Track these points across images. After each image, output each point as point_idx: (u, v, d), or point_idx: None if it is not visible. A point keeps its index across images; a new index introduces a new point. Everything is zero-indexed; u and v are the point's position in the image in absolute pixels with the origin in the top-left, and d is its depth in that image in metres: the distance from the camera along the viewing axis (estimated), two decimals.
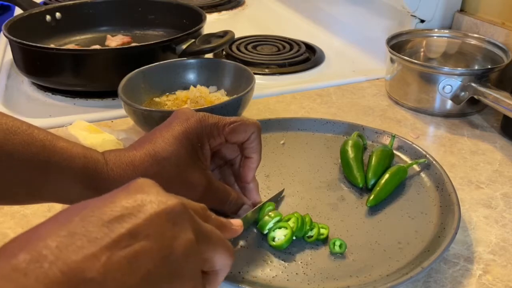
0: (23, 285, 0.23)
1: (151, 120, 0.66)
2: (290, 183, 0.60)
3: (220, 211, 0.48)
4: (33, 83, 0.87)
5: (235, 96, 0.68)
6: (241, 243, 0.50)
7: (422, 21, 0.92)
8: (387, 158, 0.61)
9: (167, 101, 0.74)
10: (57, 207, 0.56)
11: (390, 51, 0.81)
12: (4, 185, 0.41)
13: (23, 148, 0.40)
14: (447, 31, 0.89)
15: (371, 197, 0.56)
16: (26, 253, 0.24)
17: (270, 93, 0.85)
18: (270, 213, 0.51)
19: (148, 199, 0.29)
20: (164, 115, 0.65)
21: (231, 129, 0.48)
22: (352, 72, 0.96)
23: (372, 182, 0.58)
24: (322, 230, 0.51)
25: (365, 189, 0.59)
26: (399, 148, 0.65)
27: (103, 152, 0.45)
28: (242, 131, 0.49)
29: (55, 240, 0.25)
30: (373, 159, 0.61)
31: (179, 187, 0.45)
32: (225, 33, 0.82)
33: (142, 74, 0.74)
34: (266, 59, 0.98)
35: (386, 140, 0.66)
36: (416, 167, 0.62)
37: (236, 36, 0.86)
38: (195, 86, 0.76)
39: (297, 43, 1.06)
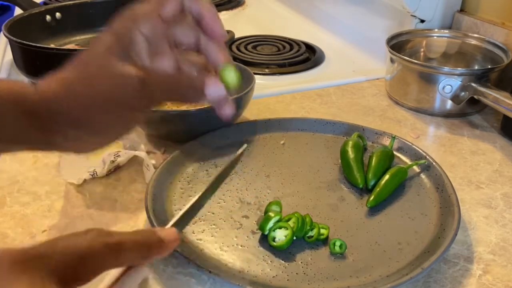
0: None
1: (151, 120, 0.66)
2: (290, 183, 0.60)
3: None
4: (33, 83, 0.87)
5: (235, 96, 0.68)
6: (241, 242, 0.51)
7: (422, 21, 0.92)
8: (387, 159, 0.61)
9: None
10: (57, 206, 0.56)
11: (390, 51, 0.81)
12: None
13: None
14: (447, 31, 0.89)
15: (371, 198, 0.56)
16: None
17: (270, 93, 0.85)
18: (270, 213, 0.51)
19: None
20: (164, 115, 0.65)
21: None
22: (352, 72, 0.96)
23: (372, 182, 0.58)
24: (322, 231, 0.51)
25: (365, 190, 0.59)
26: (399, 149, 0.65)
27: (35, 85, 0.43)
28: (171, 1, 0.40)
29: None
30: (373, 160, 0.61)
31: (110, 80, 0.39)
32: None
33: None
34: (266, 59, 0.98)
35: (386, 141, 0.66)
36: (416, 168, 0.62)
37: (236, 36, 0.86)
38: None
39: (297, 43, 1.06)
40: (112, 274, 0.34)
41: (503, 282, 0.48)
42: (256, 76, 0.72)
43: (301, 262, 0.48)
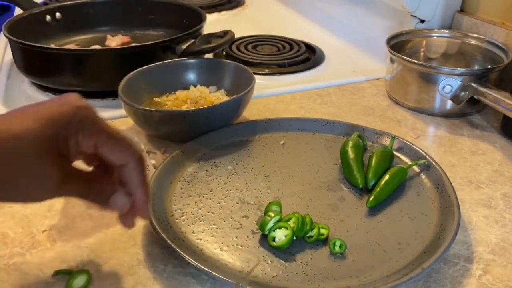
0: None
1: (151, 120, 0.66)
2: (290, 183, 0.60)
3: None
4: (33, 83, 0.87)
5: (235, 96, 0.68)
6: (241, 242, 0.51)
7: (422, 21, 0.92)
8: (387, 159, 0.61)
9: (167, 101, 0.74)
10: (57, 207, 0.56)
11: (390, 51, 0.81)
12: None
13: None
14: (447, 31, 0.89)
15: (371, 198, 0.56)
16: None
17: (270, 93, 0.85)
18: (270, 213, 0.51)
19: None
20: (164, 115, 0.65)
21: (104, 142, 0.40)
22: (352, 72, 0.96)
23: (372, 183, 0.58)
24: (322, 230, 0.51)
25: (365, 190, 0.59)
26: (399, 149, 0.65)
27: None
28: (116, 152, 0.41)
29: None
30: (373, 160, 0.61)
31: (30, 175, 0.38)
32: (225, 33, 0.82)
33: (142, 74, 0.74)
34: (266, 59, 0.98)
35: (386, 141, 0.66)
36: (416, 168, 0.62)
37: (236, 36, 0.86)
38: (195, 86, 0.76)
39: (297, 43, 1.06)
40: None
41: (503, 282, 0.48)
42: (256, 76, 0.72)
43: (301, 262, 0.48)
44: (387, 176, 0.58)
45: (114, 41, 0.98)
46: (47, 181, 0.38)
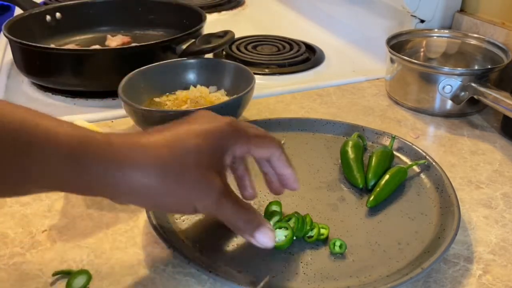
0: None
1: (151, 120, 0.66)
2: None
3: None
4: (33, 83, 0.87)
5: (235, 96, 0.68)
6: (241, 243, 0.51)
7: (422, 21, 0.92)
8: (387, 159, 0.61)
9: (167, 101, 0.74)
10: (57, 206, 0.56)
11: (390, 51, 0.81)
12: None
13: None
14: (447, 31, 0.89)
15: (371, 198, 0.56)
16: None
17: (270, 93, 0.85)
18: (270, 213, 0.51)
19: None
20: (164, 115, 0.65)
21: (256, 143, 0.46)
22: (352, 72, 0.96)
23: (372, 183, 0.58)
24: (322, 230, 0.51)
25: (365, 190, 0.59)
26: (399, 149, 0.65)
27: (106, 134, 0.40)
28: (266, 147, 0.46)
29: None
30: (373, 160, 0.61)
31: (193, 187, 0.41)
32: (225, 33, 0.82)
33: (142, 74, 0.74)
34: (266, 59, 0.98)
35: (386, 141, 0.66)
36: (416, 168, 0.62)
37: (236, 36, 0.86)
38: (195, 86, 0.76)
39: (297, 43, 1.06)
40: None
41: (503, 282, 0.48)
42: (256, 76, 0.72)
43: (301, 262, 0.48)
44: (387, 176, 0.58)
45: (114, 41, 0.98)
46: (212, 189, 0.41)
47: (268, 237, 0.44)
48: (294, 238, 0.50)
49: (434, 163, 0.60)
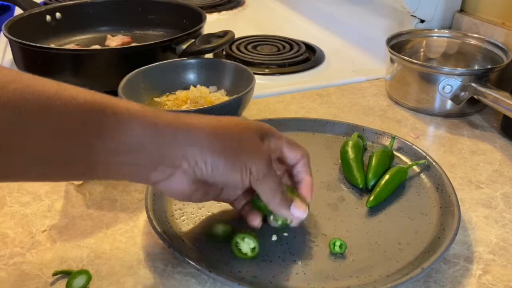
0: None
1: None
2: None
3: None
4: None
5: (235, 96, 0.68)
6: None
7: (422, 21, 0.92)
8: (387, 159, 0.61)
9: (167, 101, 0.74)
10: (57, 206, 0.56)
11: (390, 51, 0.81)
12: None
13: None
14: (447, 31, 0.89)
15: (371, 198, 0.56)
16: None
17: (270, 93, 0.85)
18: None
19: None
20: None
21: (286, 144, 0.49)
22: (352, 72, 0.96)
23: (372, 182, 0.58)
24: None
25: (365, 190, 0.59)
26: (399, 149, 0.65)
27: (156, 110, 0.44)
28: (295, 151, 0.50)
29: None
30: (373, 160, 0.61)
31: (250, 150, 0.44)
32: (225, 33, 0.82)
33: (142, 74, 0.74)
34: (266, 59, 0.98)
35: (386, 141, 0.66)
36: (416, 168, 0.62)
37: (236, 36, 0.86)
38: (195, 86, 0.76)
39: (297, 43, 1.06)
40: None
41: (503, 282, 0.48)
42: (256, 76, 0.72)
43: (301, 262, 0.48)
44: (387, 176, 0.58)
45: (114, 41, 0.98)
46: (265, 154, 0.45)
47: (303, 209, 0.48)
48: (279, 222, 0.49)
49: (434, 163, 0.60)
